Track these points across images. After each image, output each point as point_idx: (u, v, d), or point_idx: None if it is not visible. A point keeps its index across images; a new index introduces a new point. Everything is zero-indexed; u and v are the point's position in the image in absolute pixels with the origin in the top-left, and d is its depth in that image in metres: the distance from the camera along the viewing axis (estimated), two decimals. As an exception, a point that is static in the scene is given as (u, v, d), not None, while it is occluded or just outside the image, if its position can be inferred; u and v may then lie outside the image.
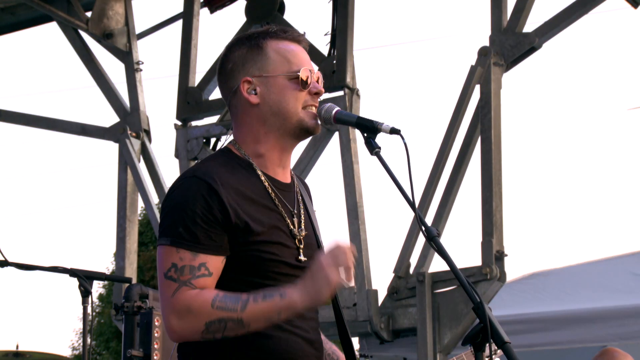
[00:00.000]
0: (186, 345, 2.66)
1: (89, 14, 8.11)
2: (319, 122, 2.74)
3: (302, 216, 2.75)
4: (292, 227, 2.69)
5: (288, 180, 2.77)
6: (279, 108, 2.69)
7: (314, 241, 2.76)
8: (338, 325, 2.87)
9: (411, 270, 6.74)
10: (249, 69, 2.71)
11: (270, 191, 2.68)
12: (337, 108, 2.73)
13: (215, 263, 2.57)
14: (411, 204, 2.56)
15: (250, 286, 2.56)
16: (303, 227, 2.73)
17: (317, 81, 2.74)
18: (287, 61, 2.71)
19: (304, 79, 2.70)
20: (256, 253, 2.60)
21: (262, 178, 2.69)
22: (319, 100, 2.76)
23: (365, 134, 2.66)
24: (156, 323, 5.03)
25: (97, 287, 23.79)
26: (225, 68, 2.75)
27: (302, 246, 2.69)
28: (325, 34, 7.21)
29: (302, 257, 2.68)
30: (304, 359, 2.65)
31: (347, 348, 2.86)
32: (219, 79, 2.79)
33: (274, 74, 2.70)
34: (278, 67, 2.70)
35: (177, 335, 2.57)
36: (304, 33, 2.81)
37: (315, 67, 2.80)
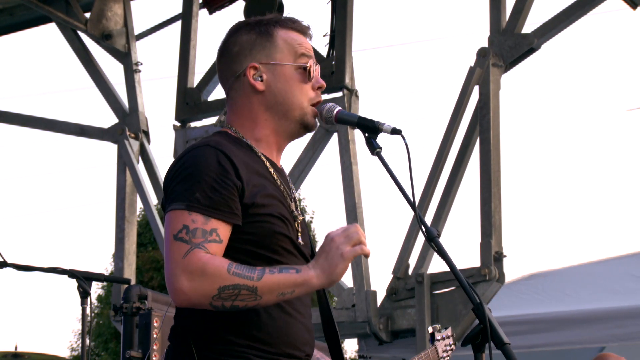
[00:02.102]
0: (184, 328, 2.58)
1: (87, 14, 8.10)
2: (317, 120, 2.75)
3: (297, 201, 2.75)
4: (292, 208, 2.69)
5: (280, 166, 2.78)
6: (284, 98, 2.69)
7: (306, 229, 2.75)
8: (328, 325, 2.84)
9: (410, 271, 6.74)
10: (256, 55, 2.70)
11: (272, 171, 2.68)
12: (338, 108, 2.74)
13: (226, 231, 2.52)
14: (412, 204, 2.55)
15: (257, 259, 2.54)
16: (299, 211, 2.73)
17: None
18: (294, 52, 2.72)
19: (310, 71, 2.71)
20: (267, 225, 2.57)
21: (263, 159, 2.69)
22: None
23: (366, 134, 2.66)
24: (155, 324, 5.03)
25: (96, 288, 23.74)
26: (231, 50, 2.73)
27: (300, 230, 2.69)
28: (324, 35, 7.21)
29: (300, 241, 2.68)
30: (304, 346, 2.64)
31: (336, 349, 2.85)
32: (221, 59, 2.77)
33: (281, 62, 2.70)
34: (286, 56, 2.71)
35: (186, 298, 2.44)
36: (308, 26, 2.81)
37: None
